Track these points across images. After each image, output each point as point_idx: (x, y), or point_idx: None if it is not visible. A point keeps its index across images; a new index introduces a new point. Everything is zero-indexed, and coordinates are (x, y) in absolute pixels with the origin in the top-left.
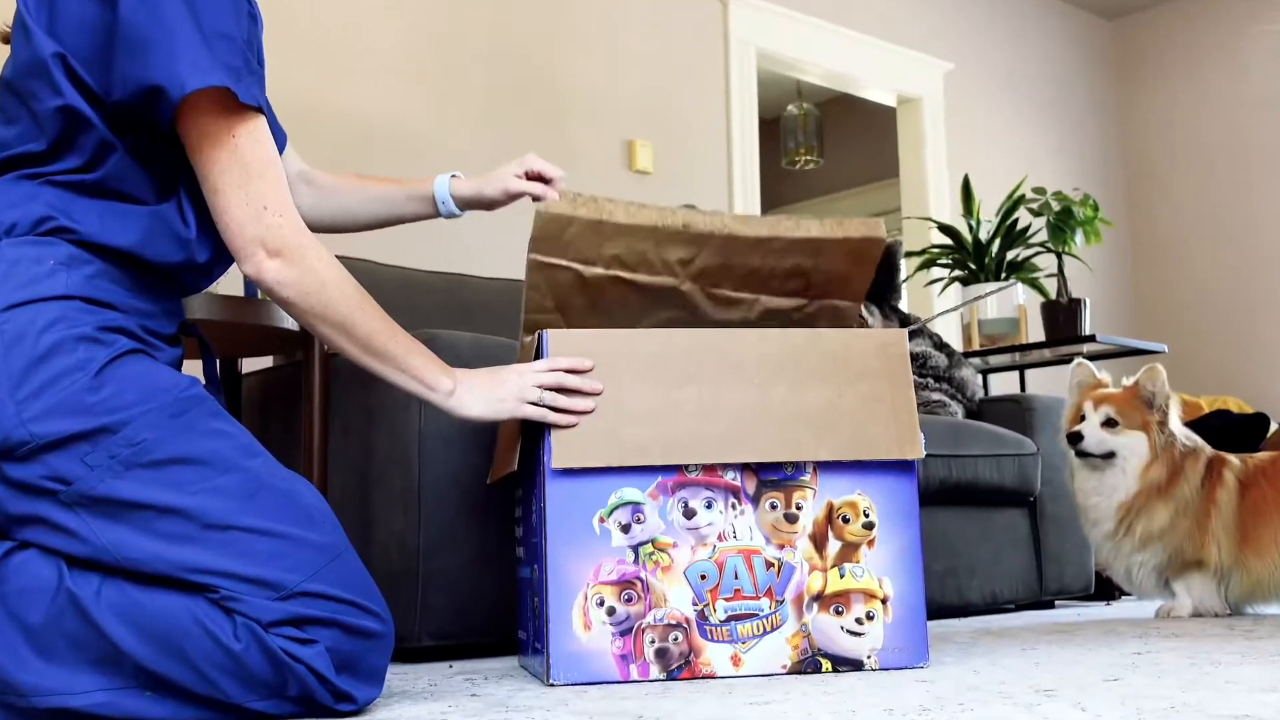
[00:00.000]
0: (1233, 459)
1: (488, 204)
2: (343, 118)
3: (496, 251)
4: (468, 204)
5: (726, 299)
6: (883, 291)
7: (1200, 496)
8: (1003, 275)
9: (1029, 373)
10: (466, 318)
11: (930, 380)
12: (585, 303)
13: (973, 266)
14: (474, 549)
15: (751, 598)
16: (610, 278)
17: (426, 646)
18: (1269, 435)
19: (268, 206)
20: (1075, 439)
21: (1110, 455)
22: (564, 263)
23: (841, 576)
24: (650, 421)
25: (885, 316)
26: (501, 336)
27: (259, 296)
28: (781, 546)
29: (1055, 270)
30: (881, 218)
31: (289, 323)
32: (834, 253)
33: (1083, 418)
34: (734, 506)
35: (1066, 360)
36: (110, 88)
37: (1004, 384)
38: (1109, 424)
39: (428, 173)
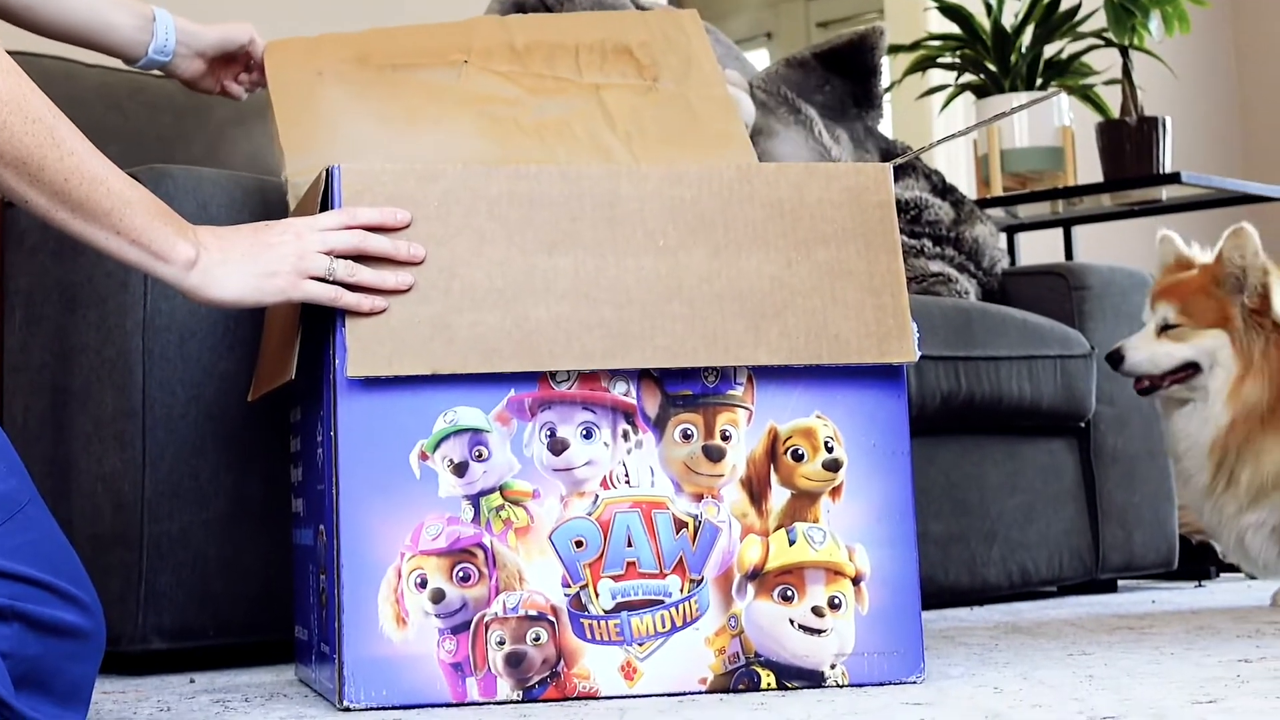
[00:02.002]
0: None
1: (221, 52)
2: None
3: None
4: (193, 45)
5: (540, 78)
6: (853, 105)
7: None
8: (1038, 82)
9: (1080, 231)
10: (217, 146)
11: (928, 243)
12: (354, 112)
13: (992, 68)
14: (227, 502)
15: (653, 575)
16: (375, 70)
17: (156, 651)
18: None
19: None
20: (1114, 360)
21: (1184, 374)
22: (309, 74)
23: (792, 544)
24: (499, 305)
25: (858, 144)
26: (275, 178)
27: None
28: (700, 497)
29: (1120, 75)
30: None
31: None
32: (630, 23)
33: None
34: (626, 436)
35: (1135, 212)
36: None
37: (1041, 248)
38: (1168, 329)
39: None
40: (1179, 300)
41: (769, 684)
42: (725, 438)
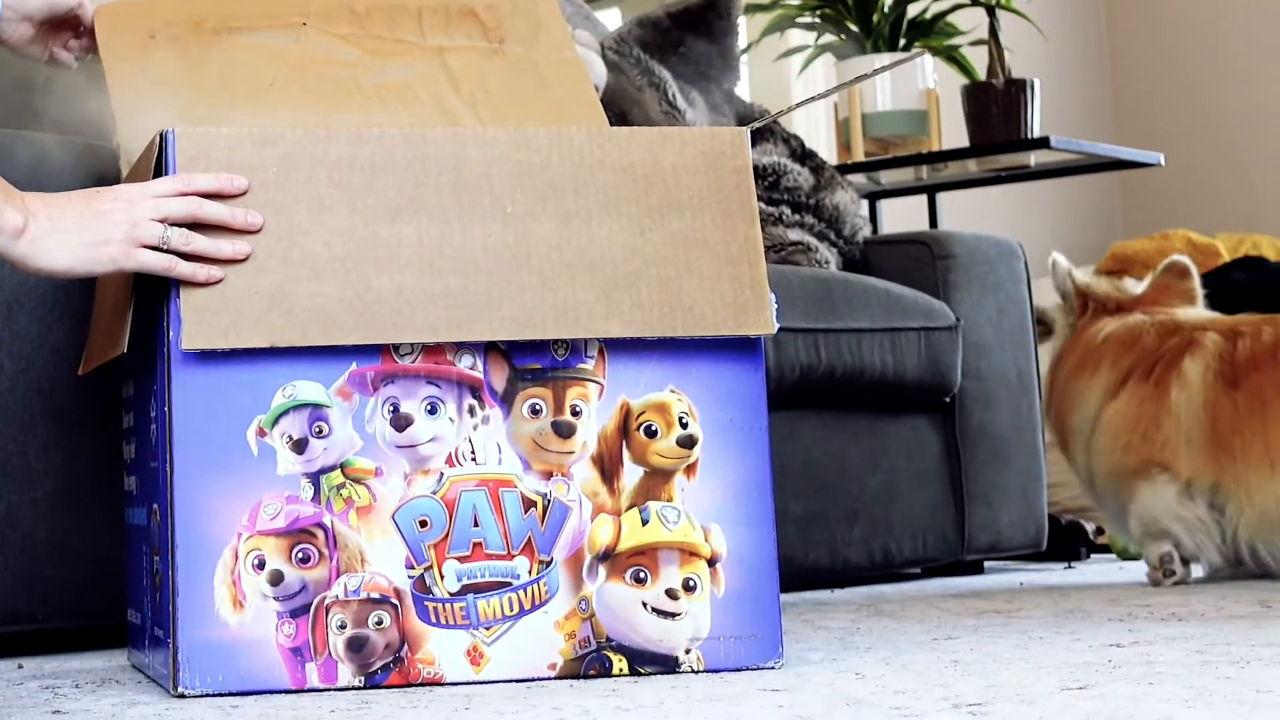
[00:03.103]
0: (1211, 333)
1: (49, 16)
2: None
3: None
4: (19, 9)
5: (381, 41)
6: (708, 66)
7: (1127, 395)
8: (902, 43)
9: (945, 197)
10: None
11: (786, 210)
12: (188, 76)
13: (853, 28)
14: (56, 481)
15: (501, 556)
16: (210, 33)
17: None
18: None
19: None
20: None
21: None
22: (142, 38)
23: (645, 524)
24: (340, 275)
25: (713, 107)
26: (107, 143)
27: None
28: (549, 475)
29: (986, 35)
30: None
31: None
32: None
33: None
34: (473, 411)
35: (1002, 178)
36: None
37: (904, 215)
38: None
39: None
40: None
41: (621, 669)
42: (575, 413)
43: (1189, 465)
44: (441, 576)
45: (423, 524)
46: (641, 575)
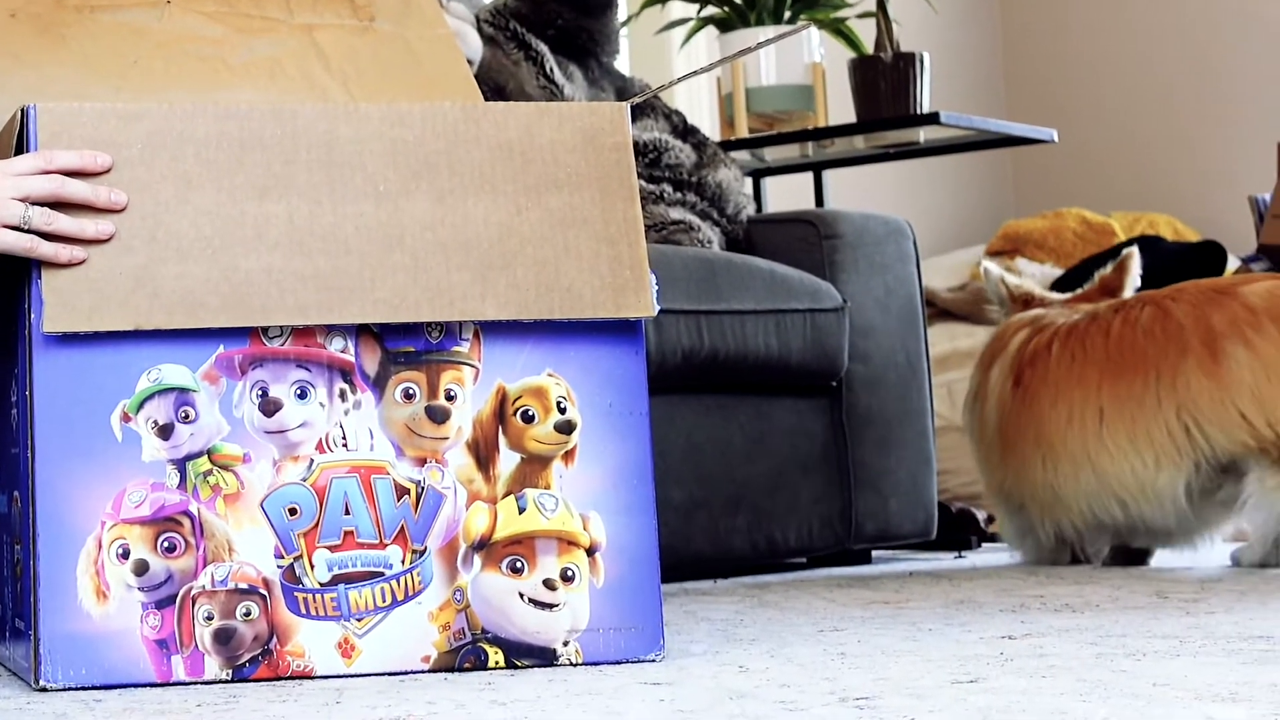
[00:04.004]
0: (1021, 332)
1: None
2: None
3: None
4: None
5: (248, 18)
6: (588, 40)
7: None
8: (786, 15)
9: (831, 175)
10: None
11: (668, 188)
12: (51, 55)
13: (737, 0)
14: None
15: (373, 545)
16: (73, 11)
17: None
18: (1227, 273)
19: None
20: None
21: None
22: (2, 17)
23: (521, 512)
24: (207, 256)
25: (592, 82)
26: None
27: None
28: (423, 462)
29: (874, 8)
30: None
31: None
32: None
33: None
34: (344, 396)
35: (891, 155)
36: None
37: (790, 194)
38: None
39: None
40: None
41: (497, 662)
42: (450, 398)
43: (998, 476)
44: (312, 566)
45: (292, 512)
46: (518, 565)
